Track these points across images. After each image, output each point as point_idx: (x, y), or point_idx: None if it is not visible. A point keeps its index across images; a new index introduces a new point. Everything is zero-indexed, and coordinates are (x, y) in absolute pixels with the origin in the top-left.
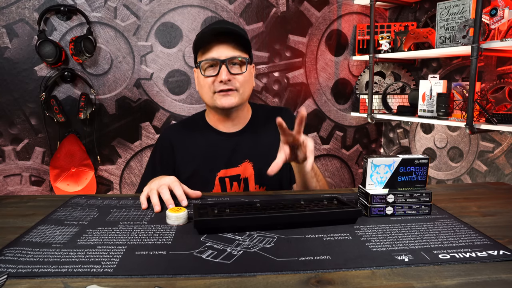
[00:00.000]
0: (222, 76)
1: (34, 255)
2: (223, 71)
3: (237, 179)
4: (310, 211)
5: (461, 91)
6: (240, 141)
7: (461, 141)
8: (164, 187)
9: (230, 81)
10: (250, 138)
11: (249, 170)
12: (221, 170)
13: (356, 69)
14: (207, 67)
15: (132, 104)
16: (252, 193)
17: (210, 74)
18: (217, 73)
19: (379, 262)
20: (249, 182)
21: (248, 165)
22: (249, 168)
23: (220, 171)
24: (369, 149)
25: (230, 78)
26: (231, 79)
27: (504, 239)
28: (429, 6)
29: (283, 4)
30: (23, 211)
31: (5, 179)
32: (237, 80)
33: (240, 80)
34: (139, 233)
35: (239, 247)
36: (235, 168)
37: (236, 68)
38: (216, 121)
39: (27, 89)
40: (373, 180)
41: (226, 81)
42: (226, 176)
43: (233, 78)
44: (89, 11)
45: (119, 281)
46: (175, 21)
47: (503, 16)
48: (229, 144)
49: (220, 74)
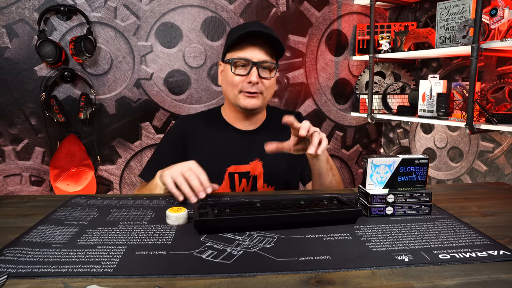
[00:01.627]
0: (252, 77)
1: (34, 255)
2: (254, 73)
3: (246, 176)
4: (310, 211)
5: (461, 91)
6: (254, 139)
7: (461, 141)
8: (191, 173)
9: (258, 84)
10: (263, 138)
11: (258, 168)
12: (232, 165)
13: (356, 69)
14: (238, 66)
15: (132, 104)
16: (252, 193)
17: (240, 73)
18: (247, 73)
19: (379, 262)
20: (258, 180)
21: (259, 163)
22: (259, 167)
23: (230, 167)
24: (369, 149)
25: (258, 81)
26: (259, 82)
27: (504, 239)
28: (429, 6)
29: (283, 4)
30: (23, 211)
31: (5, 179)
32: (264, 84)
33: (266, 84)
34: (139, 233)
35: (239, 247)
36: (246, 165)
37: (265, 72)
38: (232, 118)
39: (27, 89)
40: (373, 180)
41: (255, 83)
42: (236, 172)
43: (261, 81)
44: (89, 11)
45: (119, 281)
46: (175, 21)
47: (503, 16)
48: (243, 142)
49: (250, 75)
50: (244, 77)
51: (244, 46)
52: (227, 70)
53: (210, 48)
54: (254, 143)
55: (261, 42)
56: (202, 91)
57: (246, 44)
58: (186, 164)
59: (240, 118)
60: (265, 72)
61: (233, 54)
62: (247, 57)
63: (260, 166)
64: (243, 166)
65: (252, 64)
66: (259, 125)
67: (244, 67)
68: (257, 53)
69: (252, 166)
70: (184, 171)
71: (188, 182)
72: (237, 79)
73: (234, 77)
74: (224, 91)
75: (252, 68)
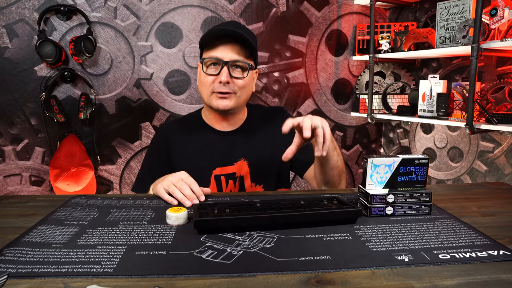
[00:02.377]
0: (222, 77)
1: (34, 255)
2: (224, 72)
3: (232, 177)
4: (310, 211)
5: (461, 91)
6: (236, 140)
7: (461, 141)
8: (182, 183)
9: (229, 83)
10: (245, 137)
11: (244, 168)
12: (217, 168)
13: (356, 69)
14: (209, 65)
15: (132, 104)
16: (252, 193)
17: (211, 72)
18: (218, 72)
19: (379, 262)
20: (245, 180)
21: (244, 163)
22: (244, 167)
23: (215, 169)
24: (369, 149)
25: (229, 80)
26: (230, 82)
27: (504, 239)
28: (429, 6)
29: (283, 4)
30: (23, 211)
31: (5, 179)
32: (236, 84)
33: (239, 84)
34: (139, 233)
35: (239, 247)
36: (231, 166)
37: (237, 71)
38: (212, 119)
39: (27, 89)
40: (373, 180)
41: (225, 83)
42: (222, 174)
43: (233, 81)
44: (89, 11)
45: (119, 281)
46: (175, 21)
47: (503, 16)
48: (225, 143)
49: (220, 75)
50: (215, 76)
51: (216, 45)
52: (200, 69)
53: None
54: (237, 144)
55: (233, 41)
56: None
57: (218, 43)
58: (177, 175)
59: (219, 119)
60: (237, 72)
61: (206, 53)
62: (218, 56)
63: (246, 166)
64: (228, 168)
65: (223, 63)
66: (239, 125)
67: (215, 67)
68: (229, 52)
69: (237, 167)
70: (175, 181)
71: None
72: (209, 79)
73: (206, 77)
74: (199, 91)
75: (222, 68)
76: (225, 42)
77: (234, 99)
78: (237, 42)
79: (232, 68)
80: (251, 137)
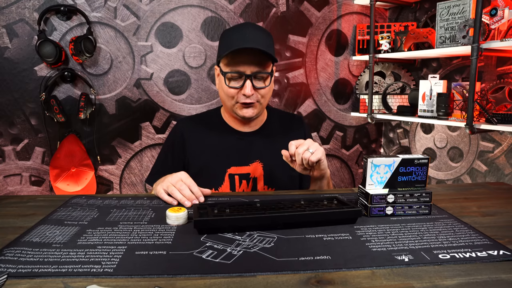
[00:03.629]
0: (246, 90)
1: (34, 255)
2: (248, 86)
3: (246, 177)
4: (310, 211)
5: (461, 91)
6: (254, 141)
7: (461, 141)
8: (181, 183)
9: (253, 95)
10: (263, 139)
11: (259, 170)
12: (232, 167)
13: (356, 69)
14: (231, 78)
15: (132, 104)
16: (252, 193)
17: (234, 85)
18: (241, 86)
19: (379, 262)
20: (258, 182)
21: (259, 165)
22: (259, 168)
23: (230, 168)
24: (369, 149)
25: (253, 92)
26: (254, 93)
27: (504, 239)
28: (429, 6)
29: (283, 4)
30: (23, 211)
31: (5, 179)
32: (259, 93)
33: (262, 93)
34: (139, 233)
35: (239, 247)
36: (246, 166)
37: (260, 82)
38: (232, 120)
39: (27, 89)
40: (373, 180)
41: (250, 96)
42: (236, 173)
43: (256, 92)
44: (89, 11)
45: (119, 281)
46: (175, 21)
47: (503, 16)
48: (242, 143)
49: (244, 88)
50: (239, 89)
51: (236, 58)
52: (222, 80)
53: (210, 48)
54: (254, 145)
55: (253, 52)
56: (202, 91)
57: (238, 56)
58: (177, 175)
59: (239, 121)
60: (259, 82)
61: (226, 65)
62: (239, 70)
63: (260, 168)
64: (243, 168)
65: (246, 77)
66: (259, 126)
67: (237, 80)
68: (250, 64)
69: (252, 168)
70: (175, 182)
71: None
72: (232, 91)
73: (229, 90)
74: (220, 97)
75: (245, 81)
76: (247, 54)
77: (258, 107)
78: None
79: (255, 80)
80: (269, 140)
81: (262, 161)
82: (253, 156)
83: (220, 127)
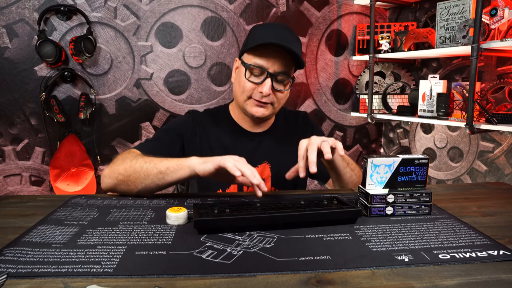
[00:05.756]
0: (264, 88)
1: (34, 255)
2: (267, 84)
3: None
4: (310, 211)
5: (461, 91)
6: (262, 142)
7: (461, 141)
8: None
9: (269, 95)
10: (271, 140)
11: (266, 171)
12: None
13: (356, 69)
14: (252, 71)
15: (132, 104)
16: (252, 193)
17: (253, 80)
18: (260, 82)
19: (379, 262)
20: (266, 183)
21: (267, 166)
22: (267, 170)
23: None
24: (369, 149)
25: (271, 92)
26: (271, 94)
27: (504, 239)
28: (429, 6)
29: (283, 4)
30: (23, 211)
31: (5, 179)
32: (276, 96)
33: (278, 96)
34: (139, 233)
35: (239, 247)
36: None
37: (280, 84)
38: (241, 118)
39: (27, 89)
40: (373, 180)
41: (267, 95)
42: None
43: (274, 93)
44: (89, 11)
45: (119, 281)
46: (175, 21)
47: (503, 16)
48: (251, 143)
49: (262, 85)
50: (257, 85)
51: (263, 52)
52: (241, 72)
53: (210, 48)
54: (263, 146)
55: (281, 52)
56: (202, 91)
57: (265, 51)
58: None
59: (248, 120)
60: (279, 85)
61: (251, 58)
62: (263, 66)
63: (268, 169)
64: None
65: (268, 74)
66: (267, 127)
67: (258, 76)
68: (275, 63)
69: (260, 169)
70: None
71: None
72: (249, 85)
73: (247, 83)
74: (234, 90)
75: (266, 79)
76: (274, 51)
77: (270, 109)
78: (285, 53)
79: (275, 80)
80: (277, 141)
81: (270, 162)
82: (261, 157)
83: (228, 125)
